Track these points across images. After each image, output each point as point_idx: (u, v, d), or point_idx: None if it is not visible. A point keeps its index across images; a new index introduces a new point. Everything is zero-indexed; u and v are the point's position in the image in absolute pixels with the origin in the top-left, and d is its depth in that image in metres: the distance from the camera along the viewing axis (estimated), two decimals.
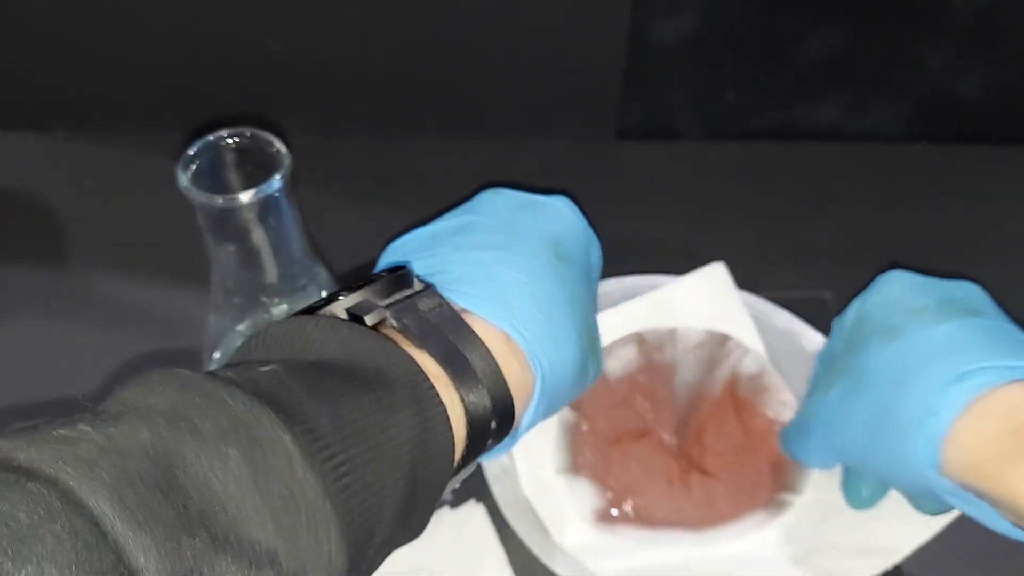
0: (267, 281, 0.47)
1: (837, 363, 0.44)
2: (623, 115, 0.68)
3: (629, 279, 0.53)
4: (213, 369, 0.27)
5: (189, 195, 0.41)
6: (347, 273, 0.55)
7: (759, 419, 0.49)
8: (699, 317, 0.52)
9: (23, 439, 0.21)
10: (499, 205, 0.40)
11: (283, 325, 0.30)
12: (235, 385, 0.24)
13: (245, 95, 0.66)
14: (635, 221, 0.62)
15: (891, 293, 0.42)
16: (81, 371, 0.54)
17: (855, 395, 0.41)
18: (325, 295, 0.33)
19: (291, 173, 0.42)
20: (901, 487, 0.42)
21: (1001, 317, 0.41)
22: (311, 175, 0.52)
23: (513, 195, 0.40)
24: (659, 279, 0.53)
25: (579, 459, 0.49)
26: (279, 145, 0.43)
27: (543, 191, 0.41)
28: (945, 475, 0.36)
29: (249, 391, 0.24)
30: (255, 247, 0.45)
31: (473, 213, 0.39)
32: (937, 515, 0.43)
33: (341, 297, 0.32)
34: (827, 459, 0.45)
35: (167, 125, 0.62)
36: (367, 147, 0.68)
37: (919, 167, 0.68)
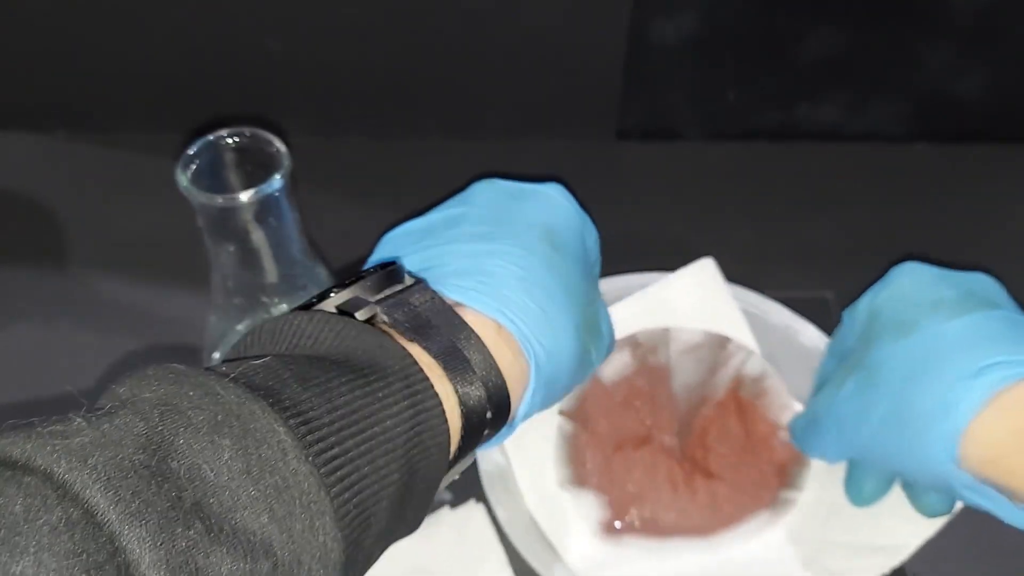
0: (267, 281, 0.47)
1: (850, 357, 0.43)
2: (623, 115, 0.68)
3: (619, 278, 0.52)
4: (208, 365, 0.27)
5: (189, 195, 0.41)
6: (347, 273, 0.55)
7: (761, 421, 0.49)
8: (691, 315, 0.51)
9: (18, 434, 0.21)
10: (491, 196, 0.39)
11: (277, 321, 0.30)
12: (228, 378, 0.25)
13: (245, 95, 0.66)
14: (635, 221, 0.62)
15: (904, 286, 0.42)
16: (81, 371, 0.54)
17: (870, 390, 0.40)
18: (317, 292, 0.33)
19: (291, 173, 0.42)
20: (918, 481, 0.42)
21: (1016, 309, 0.40)
22: (311, 175, 0.52)
23: (505, 185, 0.40)
24: (648, 277, 0.52)
25: (581, 470, 0.48)
26: (279, 145, 0.43)
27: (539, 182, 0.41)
28: (964, 470, 0.36)
29: (243, 383, 0.24)
30: (255, 247, 0.45)
31: (466, 204, 0.39)
32: (934, 517, 0.43)
33: (332, 294, 0.32)
34: (839, 453, 0.44)
35: (167, 125, 0.62)
36: (367, 147, 0.68)
37: (919, 167, 0.68)
